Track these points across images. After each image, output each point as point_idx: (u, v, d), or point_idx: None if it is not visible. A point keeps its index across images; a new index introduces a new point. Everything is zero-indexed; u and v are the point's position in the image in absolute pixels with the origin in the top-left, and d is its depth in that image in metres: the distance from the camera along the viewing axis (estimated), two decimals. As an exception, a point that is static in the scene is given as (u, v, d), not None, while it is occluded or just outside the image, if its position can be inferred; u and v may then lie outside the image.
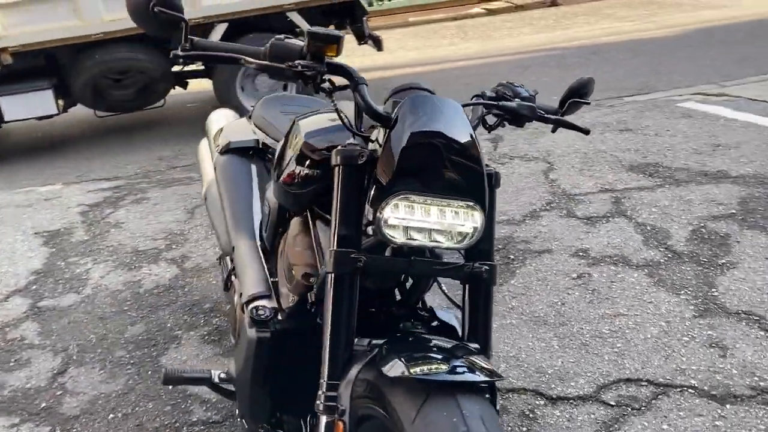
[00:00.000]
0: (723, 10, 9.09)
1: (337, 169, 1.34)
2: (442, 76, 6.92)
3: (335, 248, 1.31)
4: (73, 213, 4.23)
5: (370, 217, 1.28)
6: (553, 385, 2.24)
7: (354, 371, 1.26)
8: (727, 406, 2.08)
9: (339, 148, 1.35)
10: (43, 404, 2.43)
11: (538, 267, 2.95)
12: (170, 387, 2.43)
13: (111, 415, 2.34)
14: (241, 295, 1.83)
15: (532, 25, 9.66)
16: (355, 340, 1.32)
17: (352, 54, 7.31)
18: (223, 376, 1.77)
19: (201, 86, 6.84)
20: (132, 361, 2.63)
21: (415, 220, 1.26)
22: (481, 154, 1.32)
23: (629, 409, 2.11)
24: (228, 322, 2.79)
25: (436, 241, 1.29)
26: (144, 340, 2.76)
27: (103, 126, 6.49)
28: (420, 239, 1.27)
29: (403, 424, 1.16)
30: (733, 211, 3.27)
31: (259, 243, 2.04)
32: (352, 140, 1.39)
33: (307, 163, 1.54)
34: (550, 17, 10.17)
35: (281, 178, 1.61)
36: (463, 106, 1.40)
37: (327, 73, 1.38)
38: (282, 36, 1.41)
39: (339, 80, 1.40)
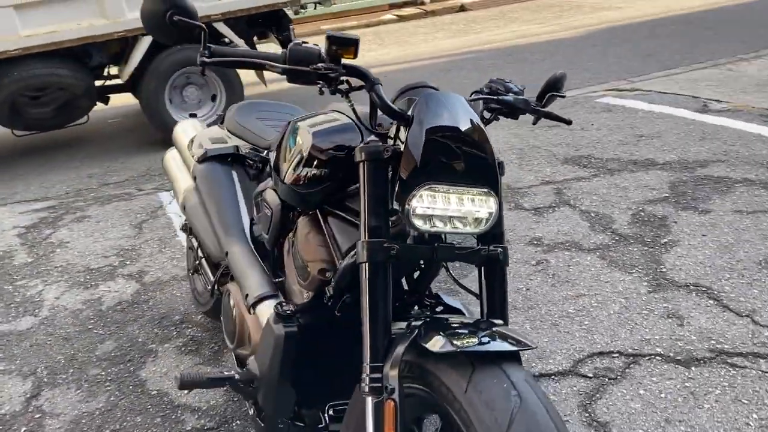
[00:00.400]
0: (621, 11, 9.66)
1: (362, 165, 1.41)
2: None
3: (367, 239, 1.38)
4: (9, 236, 4.07)
5: (398, 208, 1.37)
6: (533, 364, 2.37)
7: (399, 351, 1.34)
8: (693, 368, 2.28)
9: (362, 145, 1.43)
10: (23, 429, 2.36)
11: (467, 273, 3.10)
12: (165, 397, 2.42)
13: (100, 432, 2.31)
14: (246, 296, 1.87)
15: (445, 30, 9.95)
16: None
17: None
18: (239, 375, 1.80)
19: (121, 101, 6.68)
20: (109, 378, 2.59)
21: (438, 208, 1.36)
22: (491, 144, 1.43)
23: (606, 379, 2.27)
24: (220, 329, 2.80)
25: (456, 228, 1.39)
26: (117, 356, 2.72)
27: (21, 145, 6.23)
28: (441, 226, 1.37)
29: (455, 395, 1.25)
30: (666, 195, 3.54)
31: (252, 246, 2.08)
32: (372, 137, 1.47)
33: (315, 163, 1.60)
34: (460, 22, 10.49)
35: (288, 180, 1.67)
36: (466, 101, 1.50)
37: (345, 74, 1.45)
38: (299, 41, 1.48)
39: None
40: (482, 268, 1.50)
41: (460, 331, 1.35)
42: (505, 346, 1.29)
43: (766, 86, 5.40)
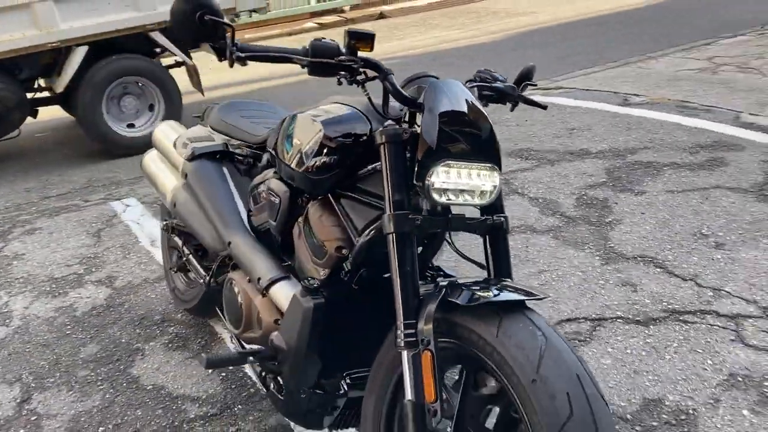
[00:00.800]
0: (535, 16, 10.16)
1: (383, 146, 1.58)
2: (299, 88, 7.16)
3: (393, 212, 1.54)
4: (-43, 251, 3.98)
5: (418, 184, 1.54)
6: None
7: (431, 308, 1.50)
8: (651, 327, 2.55)
9: (382, 129, 1.59)
10: (21, 431, 2.39)
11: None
12: (162, 390, 2.49)
13: (101, 428, 2.36)
14: (259, 280, 1.99)
15: (368, 36, 10.17)
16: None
17: (212, 71, 7.34)
18: (266, 350, 1.90)
19: (49, 114, 6.56)
20: (100, 378, 2.63)
21: (452, 182, 1.54)
22: (492, 125, 1.62)
23: (577, 342, 2.51)
24: (204, 324, 2.87)
25: (467, 200, 1.57)
26: (103, 357, 2.76)
27: (-53, 163, 6.02)
28: (454, 199, 1.55)
29: (487, 341, 1.43)
30: (604, 180, 3.85)
31: (253, 235, 2.20)
32: (390, 122, 1.63)
33: (326, 151, 1.75)
34: (382, 29, 10.74)
35: (301, 168, 1.80)
36: None
37: (363, 66, 1.62)
38: (319, 38, 1.63)
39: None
40: (487, 236, 1.69)
41: (481, 287, 1.53)
42: (523, 296, 1.48)
43: (675, 81, 5.88)
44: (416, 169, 1.54)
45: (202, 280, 2.52)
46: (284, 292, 1.91)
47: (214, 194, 2.31)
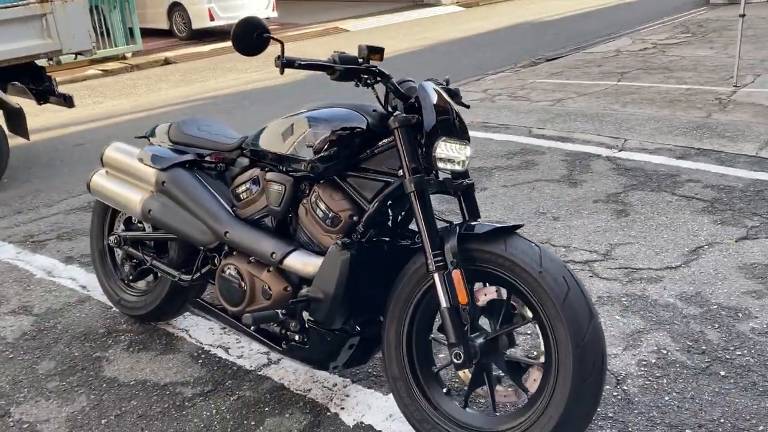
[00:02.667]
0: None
1: (397, 130, 2.15)
2: (118, 129, 7.22)
3: (412, 176, 2.12)
4: None
5: (425, 155, 2.14)
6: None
7: (453, 239, 2.08)
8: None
9: (394, 117, 2.16)
10: (19, 437, 2.49)
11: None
12: (147, 383, 2.72)
13: (104, 420, 2.56)
14: (272, 254, 2.40)
15: (165, 81, 10.31)
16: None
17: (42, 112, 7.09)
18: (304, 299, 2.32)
19: None
20: (74, 385, 2.78)
21: (447, 154, 2.16)
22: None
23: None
24: (153, 329, 3.09)
25: (455, 167, 2.19)
26: (65, 369, 2.89)
27: None
28: (450, 166, 2.17)
29: (499, 254, 2.04)
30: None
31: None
32: (398, 113, 2.19)
33: (333, 142, 2.27)
34: (175, 73, 10.93)
35: (312, 158, 2.29)
36: None
37: (377, 73, 2.18)
38: (341, 51, 2.17)
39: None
40: (461, 195, 2.30)
41: (480, 224, 2.15)
42: (510, 225, 2.13)
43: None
44: (423, 145, 2.14)
45: (176, 278, 2.82)
46: (301, 259, 2.35)
47: (197, 195, 2.66)
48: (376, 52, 2.18)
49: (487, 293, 2.16)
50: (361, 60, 2.18)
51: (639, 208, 4.03)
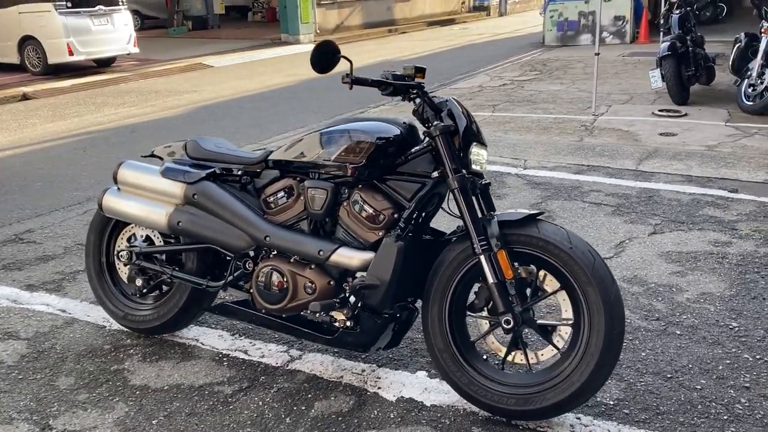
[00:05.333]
0: (197, 94, 11.10)
1: (438, 137, 2.55)
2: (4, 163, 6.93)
3: (455, 175, 2.53)
4: None
5: (461, 156, 2.56)
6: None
7: (494, 224, 2.50)
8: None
9: (435, 125, 2.56)
10: (76, 443, 2.55)
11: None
12: (179, 388, 2.86)
13: (154, 421, 2.68)
14: (320, 252, 2.68)
15: (35, 116, 9.86)
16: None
17: None
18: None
19: None
20: (106, 395, 2.85)
21: (475, 155, 2.60)
22: (475, 120, 2.73)
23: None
24: (161, 341, 3.19)
25: (480, 168, 2.64)
26: (88, 383, 2.95)
27: None
28: (476, 167, 2.61)
29: (533, 236, 2.49)
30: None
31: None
32: (438, 122, 2.59)
33: (375, 149, 2.62)
34: (42, 108, 10.48)
35: (357, 165, 2.62)
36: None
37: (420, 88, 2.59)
38: (392, 69, 2.55)
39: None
40: (479, 192, 2.73)
41: (509, 212, 2.60)
42: (536, 211, 2.59)
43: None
44: (460, 149, 2.56)
45: (202, 286, 2.99)
46: (346, 254, 2.66)
47: (231, 205, 2.88)
48: (420, 71, 2.59)
49: (520, 270, 2.60)
50: (407, 77, 2.57)
51: (561, 213, 4.68)
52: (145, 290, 3.18)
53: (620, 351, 2.46)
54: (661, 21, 10.28)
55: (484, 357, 2.69)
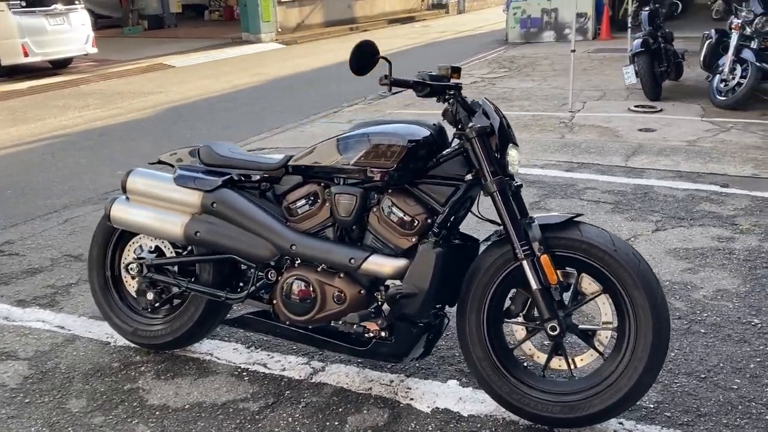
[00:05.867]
0: (164, 95, 10.81)
1: (474, 139, 2.47)
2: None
3: (492, 178, 2.45)
4: None
5: (498, 158, 2.49)
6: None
7: (536, 229, 2.43)
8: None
9: (470, 127, 2.47)
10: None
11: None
12: (201, 406, 2.72)
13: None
14: (351, 260, 2.58)
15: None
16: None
17: None
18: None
19: None
20: (125, 415, 2.70)
21: (512, 157, 2.53)
22: (508, 122, 2.66)
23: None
24: (173, 356, 3.04)
25: (514, 168, 2.57)
26: (101, 404, 2.79)
27: None
28: (511, 169, 2.54)
29: (575, 239, 2.43)
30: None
31: None
32: (475, 123, 2.50)
33: (407, 152, 2.52)
34: (1, 112, 10.07)
35: (388, 169, 2.52)
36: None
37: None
38: (427, 71, 2.46)
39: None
40: (510, 197, 2.66)
41: (548, 215, 2.53)
42: (575, 213, 2.53)
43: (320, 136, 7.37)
44: (496, 150, 2.49)
45: (221, 298, 2.85)
46: (378, 262, 2.56)
47: (253, 213, 2.75)
48: (456, 71, 2.50)
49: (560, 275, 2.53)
50: (443, 78, 2.48)
51: (561, 212, 4.65)
52: (157, 304, 3.02)
53: (666, 354, 2.42)
54: (629, 18, 10.44)
55: (525, 365, 2.62)
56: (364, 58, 2.39)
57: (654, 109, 8.02)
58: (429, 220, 2.55)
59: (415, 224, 2.55)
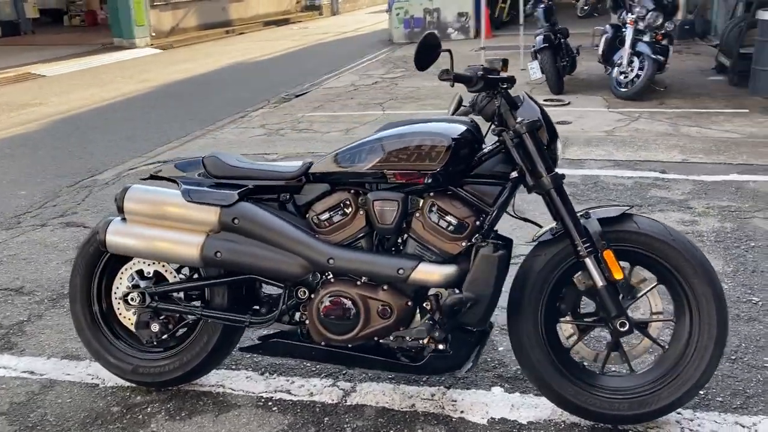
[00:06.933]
0: (43, 107, 9.93)
1: (525, 135, 2.37)
2: None
3: (548, 174, 2.36)
4: None
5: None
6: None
7: (593, 223, 2.36)
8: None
9: (520, 123, 2.37)
10: None
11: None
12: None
13: None
14: (399, 271, 2.39)
15: None
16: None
17: None
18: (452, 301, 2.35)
19: None
20: (149, 468, 2.37)
21: (559, 151, 2.47)
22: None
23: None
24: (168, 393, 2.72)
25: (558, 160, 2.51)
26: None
27: None
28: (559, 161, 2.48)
29: (632, 231, 2.38)
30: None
31: None
32: (520, 119, 2.39)
33: (452, 151, 2.39)
34: None
35: (435, 170, 2.36)
36: None
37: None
38: (475, 65, 2.33)
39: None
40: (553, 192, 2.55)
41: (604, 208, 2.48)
42: (628, 205, 2.49)
43: (261, 143, 7.09)
44: (547, 145, 2.41)
45: (245, 323, 2.58)
46: (428, 270, 2.40)
47: (281, 228, 2.50)
48: (505, 64, 2.39)
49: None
50: (494, 71, 2.36)
51: (526, 207, 4.65)
52: (164, 336, 2.68)
53: (726, 341, 2.43)
54: (523, 15, 10.80)
55: (583, 364, 2.55)
56: (428, 51, 2.22)
57: (562, 102, 8.30)
58: (478, 222, 2.42)
59: (466, 227, 2.41)
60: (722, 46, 9.36)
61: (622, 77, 8.26)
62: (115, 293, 2.74)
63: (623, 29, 8.42)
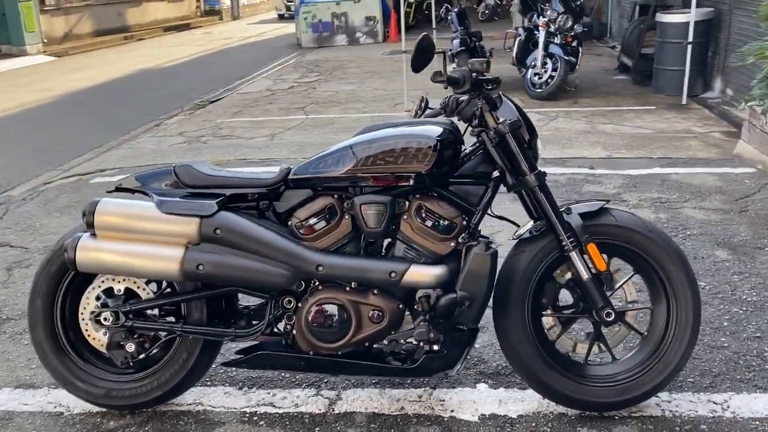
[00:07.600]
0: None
1: (508, 135, 2.42)
2: None
3: (532, 172, 2.42)
4: None
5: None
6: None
7: (577, 220, 2.43)
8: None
9: (503, 123, 2.41)
10: None
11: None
12: None
13: None
14: (391, 274, 2.38)
15: None
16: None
17: None
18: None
19: None
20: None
21: (540, 149, 2.54)
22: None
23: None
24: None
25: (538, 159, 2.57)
26: None
27: None
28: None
29: (612, 225, 2.48)
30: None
31: None
32: (504, 119, 2.43)
33: (438, 152, 2.40)
34: None
35: (420, 172, 2.37)
36: None
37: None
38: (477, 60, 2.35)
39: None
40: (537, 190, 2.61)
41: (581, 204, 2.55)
42: (604, 200, 2.58)
43: (185, 152, 6.89)
44: (525, 141, 2.47)
45: (230, 337, 2.50)
46: (419, 271, 2.40)
47: (266, 236, 2.43)
48: (488, 65, 2.42)
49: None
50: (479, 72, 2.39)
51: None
52: (141, 356, 2.55)
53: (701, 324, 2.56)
54: (435, 18, 10.98)
55: (568, 355, 2.62)
56: (423, 54, 2.22)
57: (482, 103, 8.49)
58: (465, 222, 2.45)
59: (454, 228, 2.43)
60: (624, 48, 9.88)
61: (536, 78, 8.55)
62: (82, 314, 2.58)
63: (536, 32, 8.72)
